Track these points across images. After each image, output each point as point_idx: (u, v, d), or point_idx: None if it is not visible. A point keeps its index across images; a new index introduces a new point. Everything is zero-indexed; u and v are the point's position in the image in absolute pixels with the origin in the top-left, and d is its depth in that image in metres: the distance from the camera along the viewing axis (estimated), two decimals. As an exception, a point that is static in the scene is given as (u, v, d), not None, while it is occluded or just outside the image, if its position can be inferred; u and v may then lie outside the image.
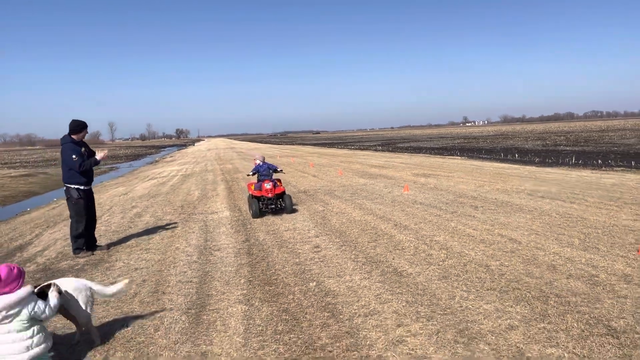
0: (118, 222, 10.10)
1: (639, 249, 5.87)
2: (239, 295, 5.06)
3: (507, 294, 4.65)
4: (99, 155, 7.37)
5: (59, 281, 3.97)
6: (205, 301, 4.93)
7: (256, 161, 10.26)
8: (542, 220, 7.93)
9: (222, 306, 4.76)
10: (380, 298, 4.73)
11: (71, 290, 3.99)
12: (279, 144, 75.31)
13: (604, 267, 5.31)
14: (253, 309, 4.64)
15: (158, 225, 9.40)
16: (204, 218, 9.93)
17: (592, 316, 4.05)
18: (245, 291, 5.18)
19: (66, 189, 7.18)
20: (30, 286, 3.50)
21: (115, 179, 25.74)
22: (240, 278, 5.65)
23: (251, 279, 5.61)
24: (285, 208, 9.72)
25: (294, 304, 4.71)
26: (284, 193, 9.83)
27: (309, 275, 5.59)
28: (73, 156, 7.00)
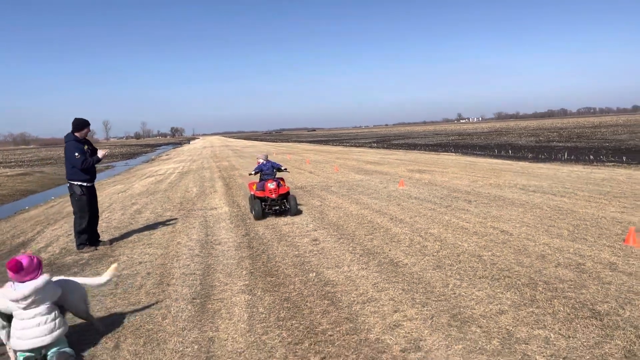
0: (119, 219, 10.26)
1: (625, 239, 6.11)
2: (242, 285, 5.27)
3: (498, 282, 4.88)
4: (100, 153, 7.54)
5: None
6: (209, 292, 5.13)
7: (259, 159, 9.73)
8: (533, 213, 8.17)
9: (226, 296, 4.96)
10: (377, 286, 4.95)
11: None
12: (275, 142, 75.41)
13: (590, 256, 5.55)
14: (256, 298, 4.84)
15: (158, 221, 9.57)
16: (203, 214, 10.11)
17: (578, 301, 4.28)
18: (247, 282, 5.38)
19: (69, 185, 7.35)
20: (48, 274, 3.72)
21: (112, 177, 25.84)
22: (242, 270, 5.86)
23: (252, 270, 5.81)
24: (289, 210, 9.09)
25: (295, 293, 4.91)
26: (288, 193, 9.25)
27: (309, 267, 5.80)
28: (76, 154, 7.17)
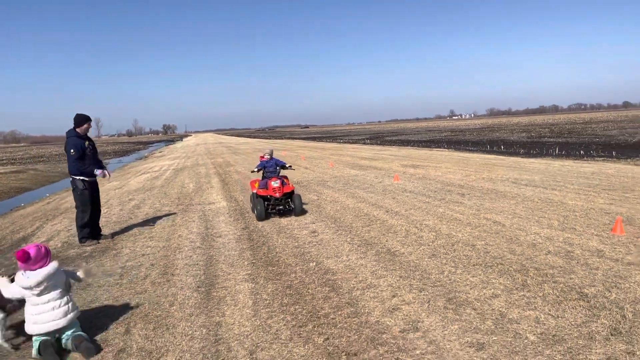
0: (118, 214, 10.38)
1: (612, 229, 6.36)
2: (244, 275, 5.44)
3: (491, 269, 5.09)
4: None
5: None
6: (213, 281, 5.30)
7: (265, 156, 9.19)
8: (525, 205, 8.41)
9: (230, 284, 5.14)
10: (375, 274, 5.15)
11: None
12: (268, 138, 75.38)
13: (579, 245, 5.79)
14: (259, 286, 5.02)
15: (157, 216, 9.71)
16: (202, 208, 10.25)
17: (567, 285, 4.50)
18: (249, 271, 5.55)
19: (72, 180, 7.47)
20: (57, 262, 3.88)
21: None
22: (243, 260, 6.03)
23: (254, 261, 5.99)
24: (294, 209, 8.60)
25: (297, 281, 5.10)
26: (293, 192, 8.77)
27: (309, 257, 5.99)
28: (71, 150, 7.28)
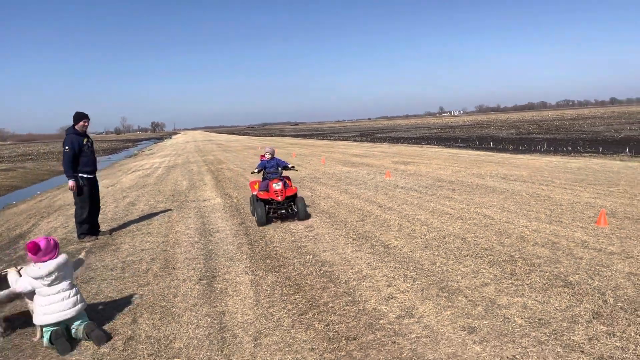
0: (113, 211, 10.48)
1: (597, 221, 6.63)
2: (244, 267, 5.62)
3: (482, 259, 5.32)
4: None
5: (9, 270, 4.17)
6: (214, 273, 5.47)
7: (265, 155, 8.43)
8: (513, 199, 8.68)
9: (231, 277, 5.31)
10: (371, 265, 5.35)
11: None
12: (258, 136, 75.33)
13: (565, 236, 6.05)
14: (259, 278, 5.20)
15: (153, 212, 9.83)
16: (197, 205, 10.39)
17: (553, 273, 4.75)
18: (249, 264, 5.73)
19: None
20: (66, 254, 4.03)
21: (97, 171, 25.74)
22: (242, 254, 6.20)
23: (252, 254, 6.16)
24: (297, 214, 7.94)
25: (295, 273, 5.29)
26: (296, 195, 8.14)
27: (305, 250, 6.18)
28: (66, 147, 7.39)
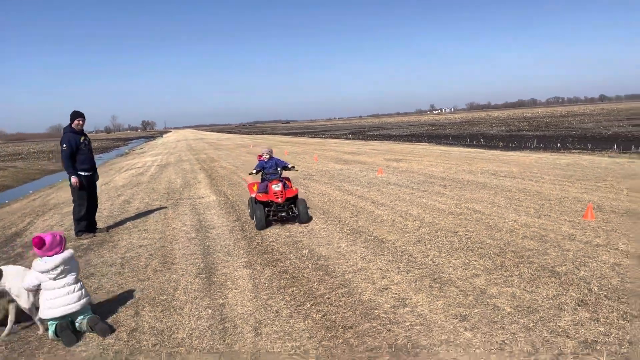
0: (109, 209, 10.54)
1: (584, 215, 6.84)
2: (242, 262, 5.75)
3: (472, 252, 5.50)
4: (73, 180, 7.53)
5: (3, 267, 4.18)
6: (212, 268, 5.59)
7: (264, 155, 8.06)
8: (503, 195, 8.88)
9: (229, 271, 5.44)
10: (365, 259, 5.51)
11: (13, 276, 4.10)
12: (250, 134, 75.22)
13: (553, 229, 6.25)
14: (256, 272, 5.34)
15: (149, 210, 9.91)
16: (192, 202, 10.49)
17: (541, 265, 4.93)
18: (246, 259, 5.86)
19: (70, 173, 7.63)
20: (71, 249, 4.13)
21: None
22: (239, 249, 6.33)
23: (249, 250, 6.29)
24: (298, 216, 7.55)
25: (292, 267, 5.43)
26: (296, 197, 7.77)
27: (301, 245, 6.32)
28: (63, 145, 7.46)
